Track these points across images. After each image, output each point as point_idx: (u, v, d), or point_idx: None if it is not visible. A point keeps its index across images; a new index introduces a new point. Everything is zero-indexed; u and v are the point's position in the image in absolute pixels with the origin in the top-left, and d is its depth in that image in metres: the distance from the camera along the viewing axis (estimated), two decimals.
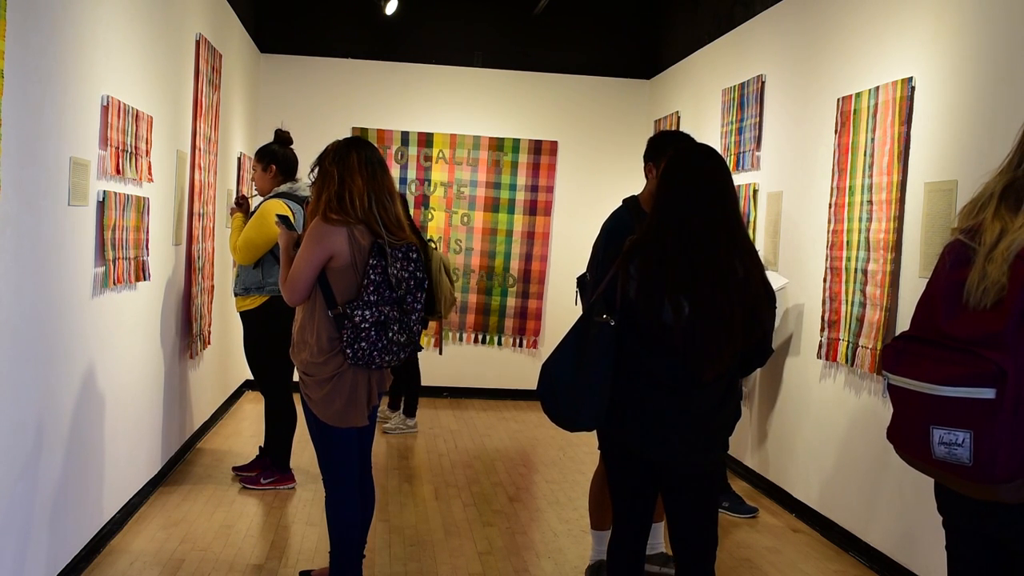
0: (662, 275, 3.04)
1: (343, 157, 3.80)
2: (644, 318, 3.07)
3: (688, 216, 3.07)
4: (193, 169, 6.15)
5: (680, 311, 3.01)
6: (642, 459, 3.19)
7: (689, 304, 3.00)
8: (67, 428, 4.08)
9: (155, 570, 4.37)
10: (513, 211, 9.29)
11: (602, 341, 3.06)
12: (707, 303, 3.00)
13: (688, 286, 3.01)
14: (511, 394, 9.14)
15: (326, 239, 3.72)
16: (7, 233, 3.35)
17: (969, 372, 2.07)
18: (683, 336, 3.01)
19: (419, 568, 4.59)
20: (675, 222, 3.08)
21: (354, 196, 3.74)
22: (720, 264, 3.02)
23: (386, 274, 3.72)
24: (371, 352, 3.71)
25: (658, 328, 3.04)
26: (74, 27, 3.98)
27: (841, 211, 5.31)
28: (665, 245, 3.07)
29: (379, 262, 3.72)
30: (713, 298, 3.00)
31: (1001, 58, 4.11)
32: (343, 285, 3.74)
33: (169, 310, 5.72)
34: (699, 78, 8.00)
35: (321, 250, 3.72)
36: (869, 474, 4.94)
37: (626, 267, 3.12)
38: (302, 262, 3.74)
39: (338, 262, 3.73)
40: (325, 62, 9.12)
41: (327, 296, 3.75)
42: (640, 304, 3.07)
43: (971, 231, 2.22)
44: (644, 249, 3.11)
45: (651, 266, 3.07)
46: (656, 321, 3.04)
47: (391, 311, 3.73)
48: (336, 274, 3.74)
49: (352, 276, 3.74)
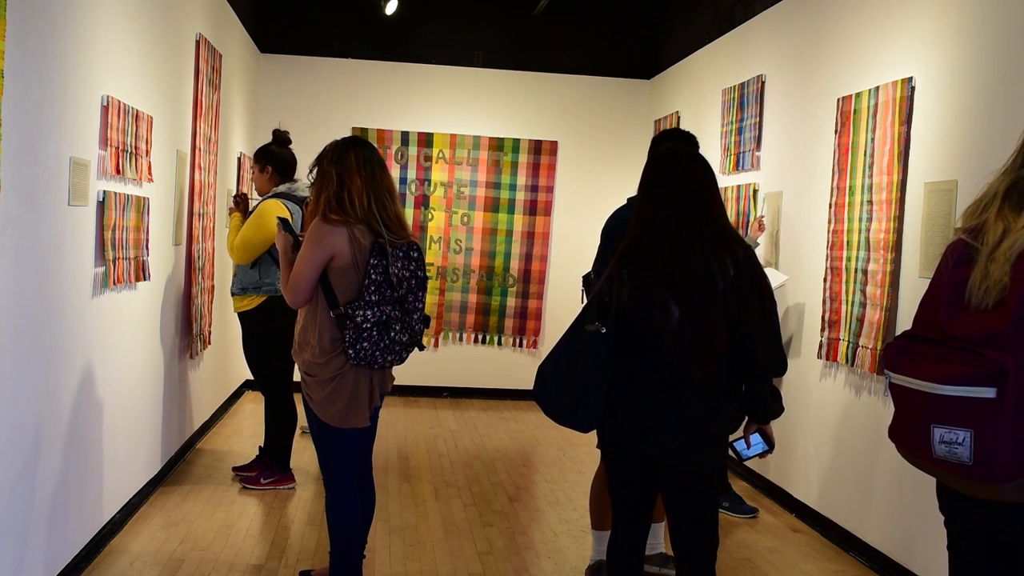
0: (651, 280, 3.07)
1: (341, 157, 3.78)
2: (636, 321, 3.09)
3: (668, 220, 3.10)
4: (193, 169, 6.15)
5: (669, 316, 3.04)
6: (641, 458, 3.20)
7: (678, 308, 3.03)
8: (67, 428, 4.07)
9: (155, 570, 4.37)
10: (513, 211, 9.29)
11: (594, 348, 3.09)
12: (693, 307, 3.02)
13: (676, 290, 3.04)
14: (511, 394, 9.14)
15: (327, 239, 3.70)
16: (7, 233, 3.35)
17: (970, 371, 2.07)
18: (672, 339, 3.04)
19: (419, 568, 4.59)
20: (656, 227, 3.11)
21: (353, 196, 3.72)
22: (703, 268, 3.04)
23: (387, 273, 3.70)
24: (373, 352, 3.70)
25: (649, 331, 3.07)
26: (74, 27, 3.97)
27: (841, 211, 5.31)
28: (651, 251, 3.09)
29: (380, 261, 3.70)
30: (698, 302, 3.02)
31: (1001, 58, 4.11)
32: (344, 285, 3.73)
33: (169, 310, 5.72)
34: (699, 78, 8.00)
35: (322, 251, 3.71)
36: (869, 474, 4.94)
37: (619, 271, 3.13)
38: (303, 263, 3.72)
39: (339, 262, 3.71)
40: (325, 62, 9.12)
41: (329, 296, 3.73)
42: (632, 308, 3.09)
43: (974, 231, 2.22)
44: (633, 254, 3.13)
45: (640, 271, 3.10)
46: (648, 324, 3.07)
47: (393, 311, 3.72)
48: (337, 274, 3.72)
49: (353, 276, 3.72)
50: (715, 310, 3.02)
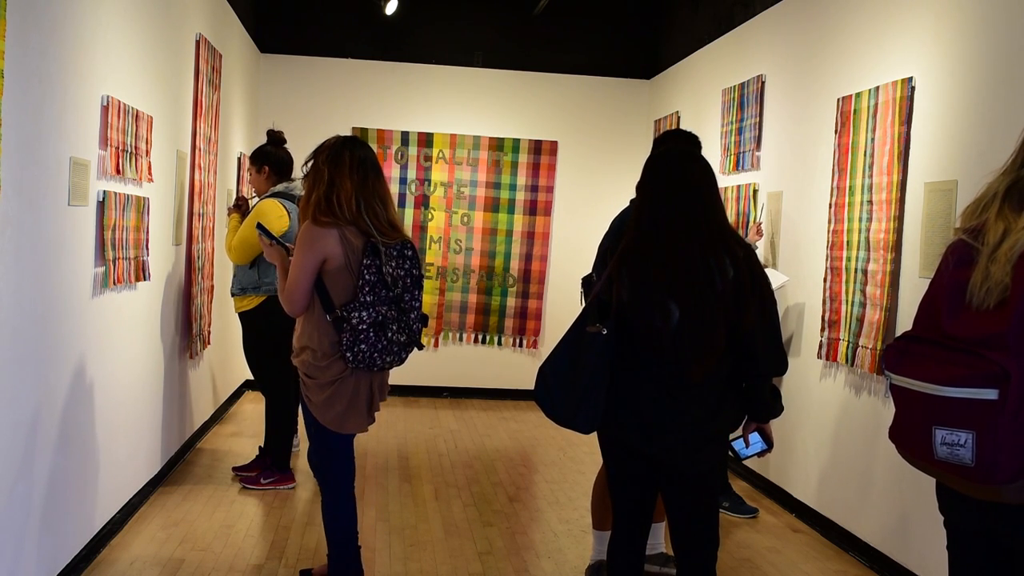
0: (651, 281, 3.08)
1: (336, 157, 3.75)
2: (636, 322, 3.10)
3: (667, 221, 3.10)
4: (193, 169, 6.14)
5: (668, 316, 3.05)
6: (642, 457, 3.20)
7: (678, 309, 3.04)
8: (67, 427, 4.07)
9: (155, 570, 4.37)
10: (513, 211, 9.29)
11: (596, 349, 3.09)
12: (692, 308, 3.03)
13: (675, 291, 3.04)
14: (511, 394, 9.14)
15: (318, 243, 3.68)
16: (7, 233, 3.35)
17: (972, 373, 2.06)
18: (672, 339, 3.04)
19: (419, 568, 4.59)
20: (655, 228, 3.11)
21: (342, 199, 3.70)
22: (702, 268, 3.04)
23: (381, 273, 3.68)
24: (371, 354, 3.68)
25: (649, 332, 3.08)
26: (74, 27, 3.97)
27: (841, 211, 5.31)
28: (650, 251, 3.09)
29: (373, 261, 3.68)
30: (697, 303, 3.03)
31: (1001, 58, 4.11)
32: (339, 287, 3.71)
33: (169, 310, 5.72)
34: (699, 78, 8.00)
35: (314, 255, 3.68)
36: (869, 474, 4.94)
37: (619, 272, 3.13)
38: (296, 269, 3.70)
39: (332, 264, 3.70)
40: (325, 62, 9.11)
41: (324, 300, 3.72)
42: (632, 308, 3.10)
43: (974, 231, 2.22)
44: (633, 255, 3.13)
45: (640, 272, 3.10)
46: (647, 325, 3.07)
47: (388, 310, 3.70)
48: (331, 277, 3.71)
49: (347, 278, 3.70)
50: (714, 310, 3.03)
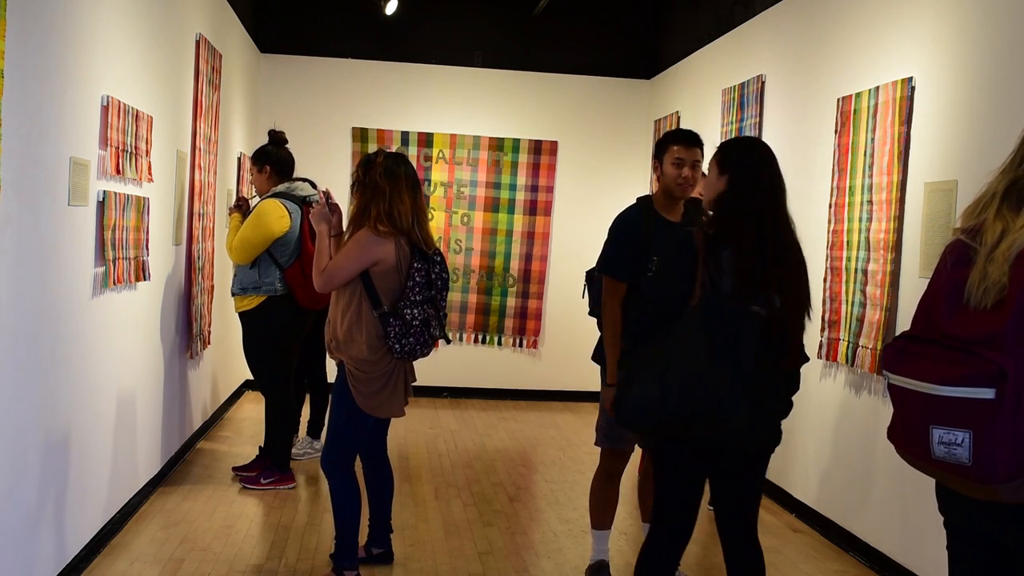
0: (759, 268, 3.13)
1: (393, 173, 4.16)
2: (732, 310, 3.11)
3: (770, 207, 3.21)
4: (193, 169, 6.15)
5: (772, 303, 3.15)
6: (706, 457, 3.25)
7: (780, 296, 3.16)
8: (67, 428, 4.08)
9: (155, 570, 4.37)
10: (513, 211, 9.29)
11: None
12: (793, 295, 3.20)
13: (780, 278, 3.17)
14: (511, 394, 9.14)
15: (375, 248, 4.09)
16: (7, 233, 3.35)
17: (969, 372, 2.07)
18: (772, 326, 3.15)
19: (419, 568, 4.59)
20: (758, 214, 3.19)
21: (401, 213, 4.14)
22: (798, 262, 3.24)
23: (429, 276, 4.16)
24: (416, 346, 4.13)
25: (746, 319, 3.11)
26: (74, 27, 3.98)
27: (841, 211, 5.31)
28: (753, 238, 3.15)
29: (423, 265, 4.15)
30: (797, 290, 3.22)
31: (1001, 58, 4.11)
32: (387, 287, 4.12)
33: (169, 310, 5.72)
34: (699, 78, 8.00)
35: (368, 256, 4.09)
36: (869, 474, 4.94)
37: (716, 260, 3.13)
38: (347, 261, 4.10)
39: (382, 267, 4.10)
40: (325, 62, 9.12)
41: (372, 297, 4.10)
42: (733, 297, 3.11)
43: (972, 231, 2.22)
44: (730, 246, 3.14)
45: (743, 263, 3.13)
46: (746, 312, 3.10)
47: (429, 308, 4.17)
48: (380, 277, 4.10)
49: (396, 278, 4.13)
50: (810, 297, 3.27)
